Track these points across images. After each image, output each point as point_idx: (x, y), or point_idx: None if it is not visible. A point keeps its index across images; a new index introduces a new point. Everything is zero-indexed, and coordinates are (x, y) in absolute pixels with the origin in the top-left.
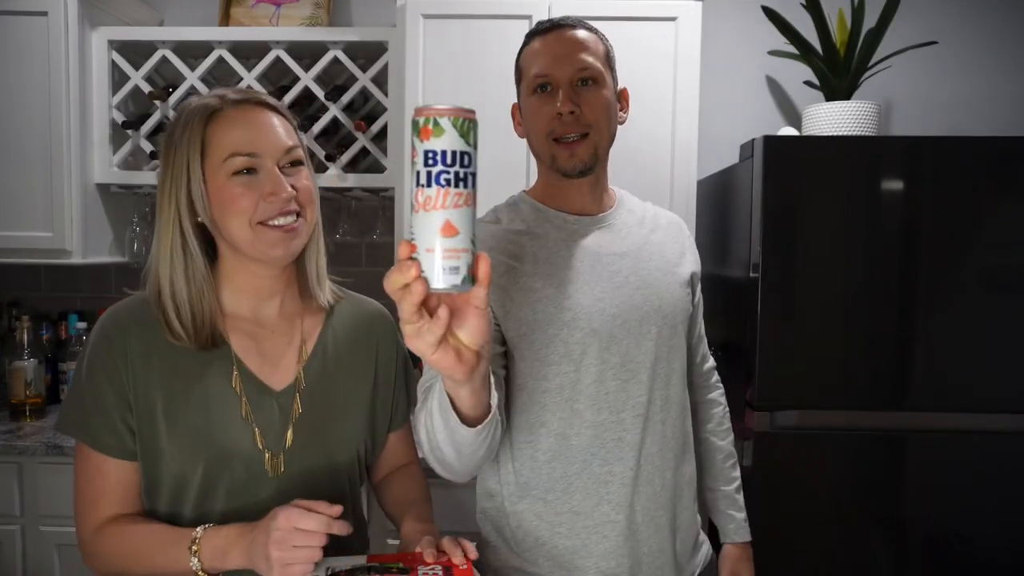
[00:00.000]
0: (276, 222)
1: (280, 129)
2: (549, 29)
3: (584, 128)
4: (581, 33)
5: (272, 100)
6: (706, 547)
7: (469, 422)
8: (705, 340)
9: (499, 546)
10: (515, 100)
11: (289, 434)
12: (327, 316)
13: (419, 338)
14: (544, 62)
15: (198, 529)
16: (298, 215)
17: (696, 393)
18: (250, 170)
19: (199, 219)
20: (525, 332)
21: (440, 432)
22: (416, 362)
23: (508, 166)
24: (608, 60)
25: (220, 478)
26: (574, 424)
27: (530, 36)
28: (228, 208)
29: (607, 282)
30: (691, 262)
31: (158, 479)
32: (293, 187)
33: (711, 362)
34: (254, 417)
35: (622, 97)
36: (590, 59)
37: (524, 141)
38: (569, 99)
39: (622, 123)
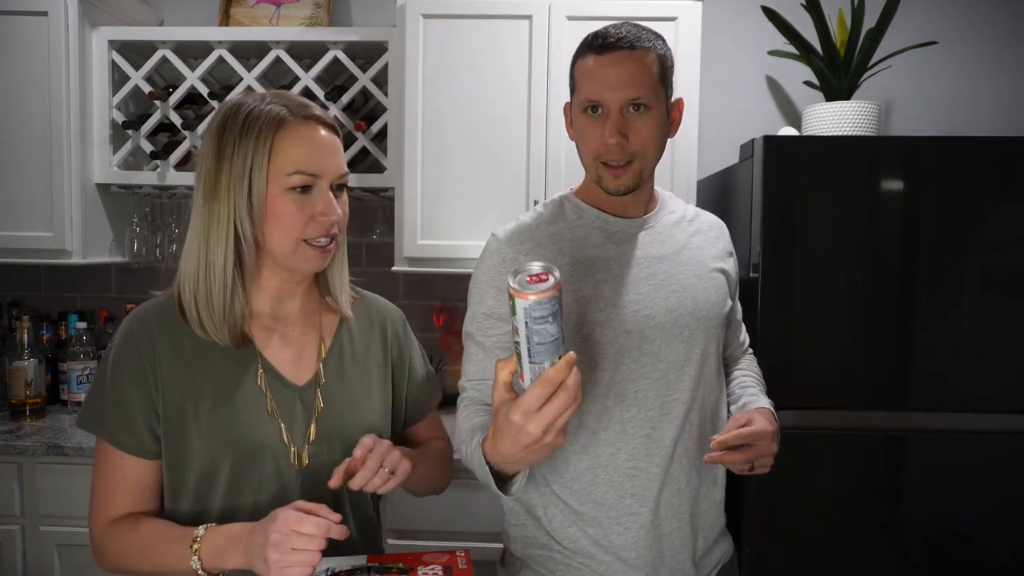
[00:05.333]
0: (318, 242)
1: (340, 153)
2: (605, 47)
3: (629, 156)
4: (637, 54)
5: (334, 121)
6: (727, 543)
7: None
8: (746, 342)
9: (527, 523)
10: (515, 99)
11: (312, 428)
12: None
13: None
14: (596, 85)
15: (200, 528)
16: (333, 237)
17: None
18: (305, 188)
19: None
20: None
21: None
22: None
23: (508, 165)
24: (663, 77)
25: (249, 472)
26: (603, 420)
27: (586, 48)
28: (276, 221)
29: (644, 284)
30: (730, 266)
31: (184, 477)
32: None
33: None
34: (279, 413)
35: (675, 108)
36: (642, 85)
37: (524, 142)
38: (617, 130)
39: (672, 136)
